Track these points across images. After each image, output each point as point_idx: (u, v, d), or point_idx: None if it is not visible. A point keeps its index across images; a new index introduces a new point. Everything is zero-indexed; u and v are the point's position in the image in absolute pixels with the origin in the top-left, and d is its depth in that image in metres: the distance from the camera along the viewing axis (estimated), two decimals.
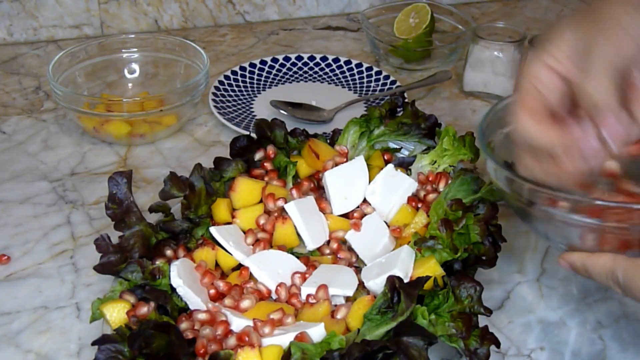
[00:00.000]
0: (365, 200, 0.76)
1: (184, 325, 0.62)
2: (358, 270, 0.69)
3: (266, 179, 0.78)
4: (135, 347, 0.55)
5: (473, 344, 0.59)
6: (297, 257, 0.71)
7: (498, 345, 0.59)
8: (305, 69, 1.11)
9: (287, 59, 1.12)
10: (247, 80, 1.08)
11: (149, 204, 0.73)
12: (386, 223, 0.74)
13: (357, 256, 0.72)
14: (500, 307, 0.71)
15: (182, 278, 0.64)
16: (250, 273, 0.69)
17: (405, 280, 0.63)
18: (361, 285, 0.67)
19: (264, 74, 1.09)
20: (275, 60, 1.12)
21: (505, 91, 1.04)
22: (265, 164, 0.79)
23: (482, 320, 0.61)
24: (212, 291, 0.66)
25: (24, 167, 0.91)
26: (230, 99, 1.03)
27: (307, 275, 0.69)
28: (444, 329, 0.59)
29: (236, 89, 1.06)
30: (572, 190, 0.56)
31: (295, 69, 1.11)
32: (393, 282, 0.60)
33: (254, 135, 0.81)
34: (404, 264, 0.65)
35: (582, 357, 0.66)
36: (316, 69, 1.11)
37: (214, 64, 1.14)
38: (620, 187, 0.65)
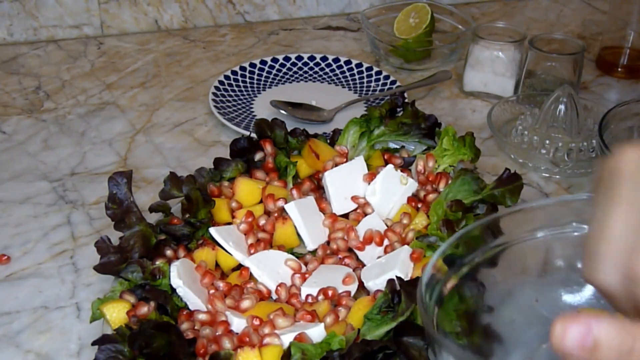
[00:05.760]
0: (365, 200, 0.76)
1: (184, 325, 0.62)
2: (358, 270, 0.69)
3: (267, 179, 0.78)
4: (136, 347, 0.55)
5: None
6: (297, 257, 0.71)
7: None
8: (305, 69, 1.11)
9: (287, 59, 1.12)
10: (247, 80, 1.08)
11: (149, 204, 0.73)
12: (386, 224, 0.74)
13: (357, 256, 0.72)
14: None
15: (182, 278, 0.64)
16: (250, 273, 0.69)
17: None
18: (361, 285, 0.67)
19: (264, 74, 1.09)
20: (275, 60, 1.12)
21: (505, 91, 1.04)
22: (267, 161, 0.78)
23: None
24: (212, 291, 0.66)
25: (24, 167, 0.91)
26: (230, 99, 1.03)
27: (307, 276, 0.69)
28: None
29: (236, 89, 1.06)
30: None
31: (295, 69, 1.11)
32: (393, 283, 0.60)
33: (254, 135, 0.81)
34: (404, 264, 0.65)
35: None
36: (316, 69, 1.11)
37: (214, 64, 1.14)
38: None
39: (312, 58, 1.12)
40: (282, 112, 0.98)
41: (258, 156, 0.79)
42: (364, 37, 1.22)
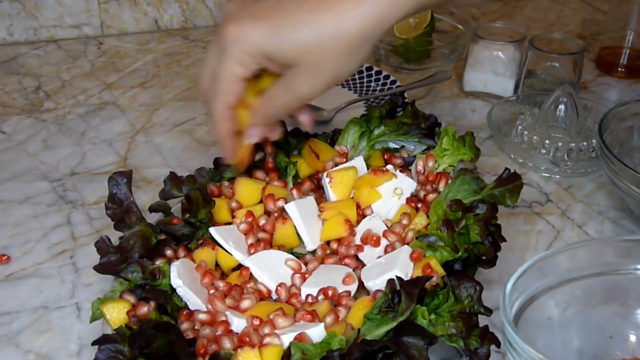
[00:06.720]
0: None
1: (184, 325, 0.62)
2: (358, 270, 0.69)
3: (267, 179, 0.78)
4: (136, 347, 0.55)
5: (473, 344, 0.59)
6: (297, 257, 0.71)
7: (498, 344, 0.59)
8: None
9: None
10: None
11: (149, 204, 0.73)
12: (385, 224, 0.74)
13: (357, 256, 0.72)
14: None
15: (182, 278, 0.64)
16: (250, 273, 0.69)
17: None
18: (361, 285, 0.67)
19: None
20: None
21: (505, 91, 1.04)
22: (267, 161, 0.78)
23: (482, 320, 0.61)
24: (212, 291, 0.66)
25: (24, 167, 0.91)
26: None
27: (307, 276, 0.69)
28: (444, 329, 0.59)
29: None
30: None
31: None
32: (393, 283, 0.60)
33: None
34: (404, 264, 0.65)
35: None
36: None
37: None
38: None
39: None
40: None
41: (258, 156, 0.79)
42: None
